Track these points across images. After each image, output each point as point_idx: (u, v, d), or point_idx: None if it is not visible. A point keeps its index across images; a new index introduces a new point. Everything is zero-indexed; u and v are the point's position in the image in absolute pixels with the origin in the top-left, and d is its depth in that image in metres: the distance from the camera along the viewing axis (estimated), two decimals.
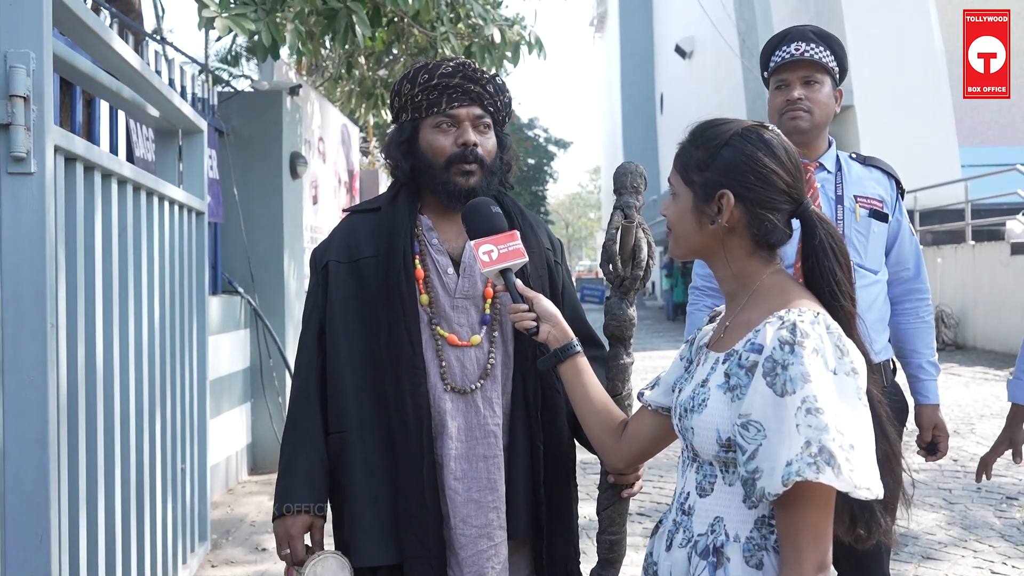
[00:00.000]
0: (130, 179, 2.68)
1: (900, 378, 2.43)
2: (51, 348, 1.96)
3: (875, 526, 1.25)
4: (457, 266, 1.80)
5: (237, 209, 5.50)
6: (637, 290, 1.74)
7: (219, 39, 8.27)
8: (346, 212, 1.92)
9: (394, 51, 7.89)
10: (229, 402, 5.31)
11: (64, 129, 2.17)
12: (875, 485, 1.13)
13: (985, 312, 11.52)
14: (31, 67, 1.88)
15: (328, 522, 1.78)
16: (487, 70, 1.83)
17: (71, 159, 2.21)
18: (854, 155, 2.40)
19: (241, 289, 5.52)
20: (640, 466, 1.71)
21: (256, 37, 4.44)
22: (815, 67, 2.26)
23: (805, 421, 1.12)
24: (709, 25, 18.65)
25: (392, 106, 1.87)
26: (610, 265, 1.72)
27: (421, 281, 1.77)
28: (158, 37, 5.44)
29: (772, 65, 2.32)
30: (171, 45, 5.37)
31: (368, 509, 1.72)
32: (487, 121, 1.82)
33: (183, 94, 4.77)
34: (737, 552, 1.24)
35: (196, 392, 3.53)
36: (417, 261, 1.78)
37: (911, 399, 2.42)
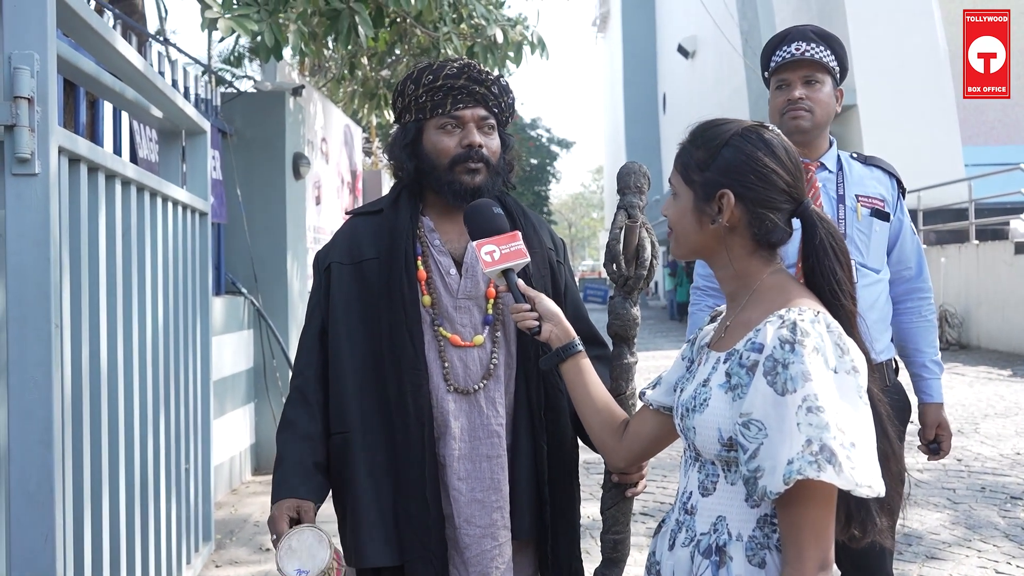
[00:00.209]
0: (134, 180, 2.68)
1: (903, 378, 2.43)
2: (55, 348, 1.97)
3: (870, 525, 1.25)
4: (459, 267, 1.80)
5: (240, 210, 5.51)
6: (640, 289, 1.74)
7: (222, 40, 8.28)
8: (349, 215, 1.92)
9: (397, 51, 7.90)
10: (233, 402, 5.32)
11: (68, 130, 2.18)
12: (876, 483, 1.13)
13: (989, 311, 11.50)
14: (35, 68, 1.89)
15: (332, 523, 1.78)
16: (491, 71, 1.83)
17: (75, 160, 2.22)
18: (855, 155, 2.40)
19: (244, 290, 5.53)
20: (644, 465, 1.71)
21: (259, 38, 4.44)
22: (816, 66, 2.26)
23: (806, 420, 1.13)
24: (712, 25, 18.63)
25: (395, 106, 1.87)
26: (614, 265, 1.72)
27: (423, 282, 1.77)
28: (161, 38, 5.46)
29: (773, 65, 2.32)
30: (174, 46, 5.38)
31: (370, 510, 1.72)
32: (491, 122, 1.82)
33: (186, 95, 4.77)
34: (740, 551, 1.24)
35: (200, 392, 3.53)
36: (419, 262, 1.78)
37: (914, 399, 2.42)
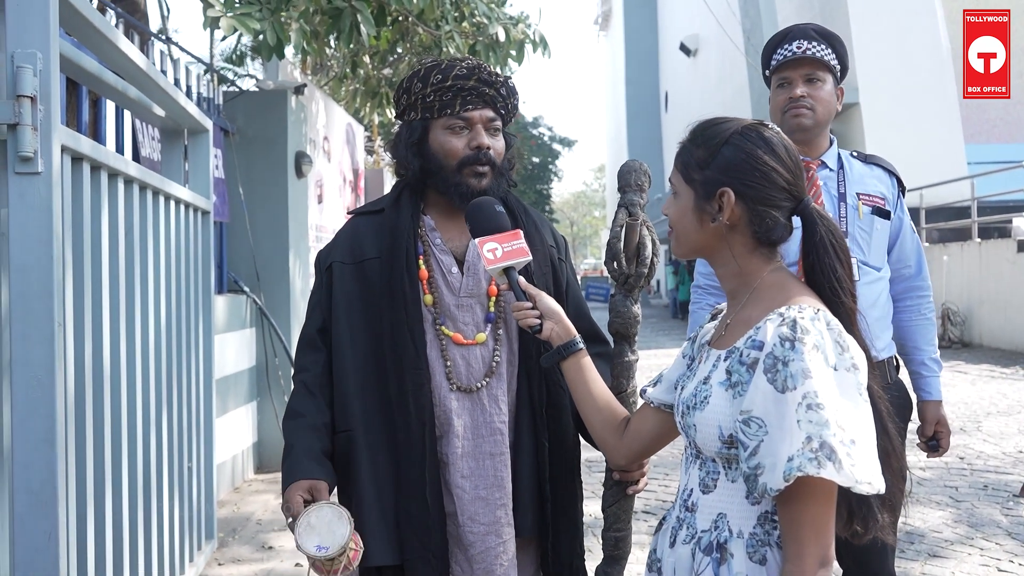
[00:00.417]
0: (136, 178, 2.69)
1: (904, 375, 2.43)
2: (58, 347, 1.97)
3: (872, 521, 1.25)
4: (461, 265, 1.80)
5: (242, 208, 5.52)
6: (642, 287, 1.74)
7: (224, 39, 8.29)
8: (350, 214, 1.92)
9: (399, 50, 7.91)
10: (235, 401, 5.33)
11: (70, 129, 2.18)
12: (876, 479, 1.14)
13: (991, 310, 11.49)
14: (38, 67, 1.89)
15: None
16: (500, 73, 1.83)
17: (78, 159, 2.22)
18: (855, 153, 2.40)
19: (247, 288, 5.54)
20: (645, 463, 1.71)
21: (261, 36, 4.44)
22: (817, 65, 2.26)
23: (806, 417, 1.13)
24: (714, 23, 18.62)
25: (398, 103, 1.85)
26: (614, 263, 1.72)
27: (425, 281, 1.77)
28: (163, 37, 5.46)
29: (774, 63, 2.32)
30: (176, 45, 5.39)
31: (372, 509, 1.72)
32: (498, 124, 1.82)
33: (188, 94, 4.78)
34: (740, 548, 1.25)
35: (202, 391, 3.54)
36: (421, 261, 1.78)
37: (915, 396, 2.43)
